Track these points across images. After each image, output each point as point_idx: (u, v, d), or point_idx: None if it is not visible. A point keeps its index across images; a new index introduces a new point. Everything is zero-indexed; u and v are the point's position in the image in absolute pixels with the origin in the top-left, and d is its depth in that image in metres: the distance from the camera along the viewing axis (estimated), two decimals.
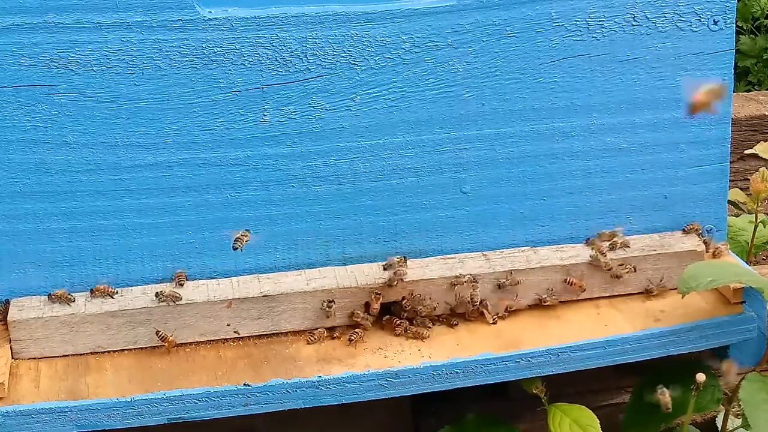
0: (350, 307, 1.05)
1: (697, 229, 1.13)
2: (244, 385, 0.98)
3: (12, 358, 1.00)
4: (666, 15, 1.08)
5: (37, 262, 1.02)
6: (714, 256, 1.13)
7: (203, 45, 0.99)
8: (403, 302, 1.05)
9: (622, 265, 1.10)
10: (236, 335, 1.04)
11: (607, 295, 1.11)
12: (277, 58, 1.01)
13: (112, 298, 1.02)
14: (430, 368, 1.01)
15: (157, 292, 1.02)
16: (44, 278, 1.03)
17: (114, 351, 1.02)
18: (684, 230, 1.13)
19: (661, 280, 1.11)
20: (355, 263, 1.08)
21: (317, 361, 1.02)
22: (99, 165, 1.00)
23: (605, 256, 1.09)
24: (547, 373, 1.04)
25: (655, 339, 1.06)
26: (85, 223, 1.02)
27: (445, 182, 1.08)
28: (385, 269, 1.07)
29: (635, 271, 1.10)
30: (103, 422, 0.96)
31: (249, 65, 1.00)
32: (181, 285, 1.03)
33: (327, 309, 1.04)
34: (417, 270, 1.07)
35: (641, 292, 1.11)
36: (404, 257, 1.07)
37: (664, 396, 0.97)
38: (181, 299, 1.02)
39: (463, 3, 1.03)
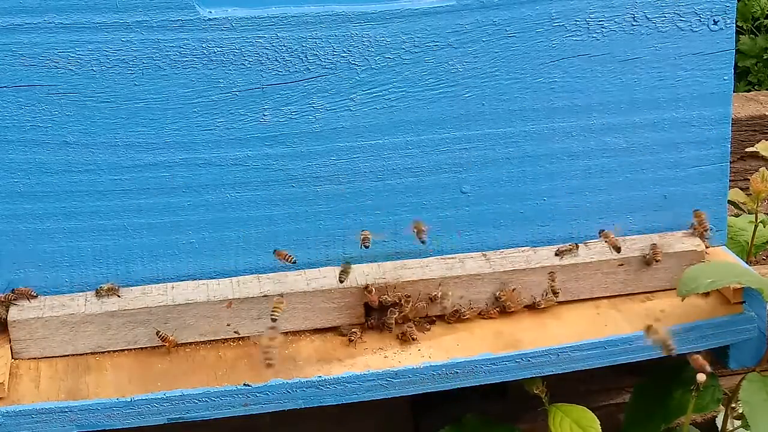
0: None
1: (701, 221, 1.13)
2: (244, 385, 0.98)
3: (12, 358, 1.00)
4: (666, 15, 1.08)
5: (37, 262, 1.02)
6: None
7: (203, 45, 0.99)
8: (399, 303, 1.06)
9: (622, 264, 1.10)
10: (236, 335, 1.04)
11: (608, 295, 1.12)
12: (277, 58, 1.01)
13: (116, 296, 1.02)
14: (430, 368, 1.01)
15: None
16: (44, 278, 1.03)
17: (114, 351, 1.02)
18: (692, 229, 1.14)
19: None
20: (356, 263, 1.08)
21: (317, 361, 1.02)
22: (99, 165, 1.00)
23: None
24: (547, 373, 1.04)
25: None
26: (85, 223, 1.02)
27: (445, 182, 1.08)
28: (556, 255, 1.09)
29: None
30: (103, 422, 0.96)
31: (249, 65, 1.00)
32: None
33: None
34: (417, 270, 1.07)
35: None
36: (576, 244, 1.10)
37: None
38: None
39: (463, 3, 1.03)
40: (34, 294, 1.02)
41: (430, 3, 1.03)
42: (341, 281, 1.03)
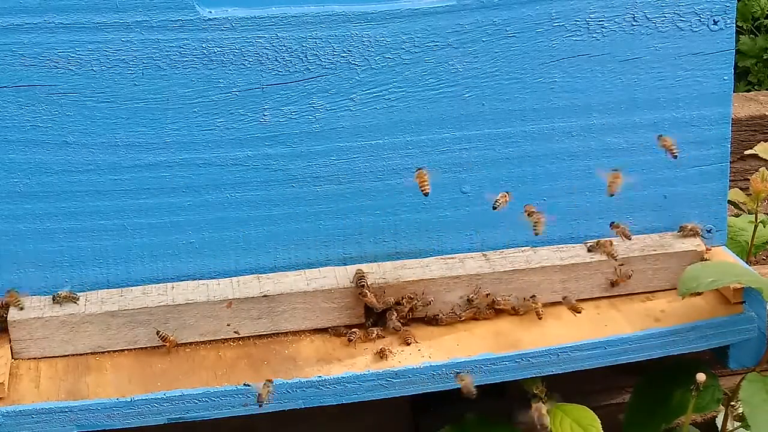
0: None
1: (692, 229, 1.13)
2: (244, 385, 0.98)
3: (12, 358, 1.00)
4: (666, 15, 1.08)
5: (37, 262, 1.02)
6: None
7: (203, 45, 0.99)
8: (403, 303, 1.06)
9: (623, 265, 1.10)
10: (236, 335, 1.04)
11: (608, 295, 1.12)
12: (277, 58, 1.01)
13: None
14: (430, 368, 1.01)
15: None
16: (44, 278, 1.03)
17: (114, 351, 1.02)
18: (680, 231, 1.13)
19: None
20: (355, 263, 1.08)
21: (317, 361, 1.02)
22: (99, 165, 1.00)
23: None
24: (547, 373, 1.04)
25: (655, 339, 1.06)
26: (85, 223, 1.02)
27: (445, 182, 1.08)
28: (590, 250, 1.09)
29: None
30: (103, 422, 0.96)
31: (249, 65, 1.00)
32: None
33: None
34: (417, 270, 1.07)
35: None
36: (610, 241, 1.10)
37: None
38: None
39: (463, 3, 1.03)
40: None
41: (430, 3, 1.03)
42: (495, 208, 1.06)
